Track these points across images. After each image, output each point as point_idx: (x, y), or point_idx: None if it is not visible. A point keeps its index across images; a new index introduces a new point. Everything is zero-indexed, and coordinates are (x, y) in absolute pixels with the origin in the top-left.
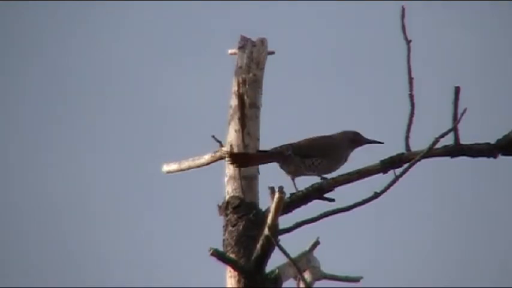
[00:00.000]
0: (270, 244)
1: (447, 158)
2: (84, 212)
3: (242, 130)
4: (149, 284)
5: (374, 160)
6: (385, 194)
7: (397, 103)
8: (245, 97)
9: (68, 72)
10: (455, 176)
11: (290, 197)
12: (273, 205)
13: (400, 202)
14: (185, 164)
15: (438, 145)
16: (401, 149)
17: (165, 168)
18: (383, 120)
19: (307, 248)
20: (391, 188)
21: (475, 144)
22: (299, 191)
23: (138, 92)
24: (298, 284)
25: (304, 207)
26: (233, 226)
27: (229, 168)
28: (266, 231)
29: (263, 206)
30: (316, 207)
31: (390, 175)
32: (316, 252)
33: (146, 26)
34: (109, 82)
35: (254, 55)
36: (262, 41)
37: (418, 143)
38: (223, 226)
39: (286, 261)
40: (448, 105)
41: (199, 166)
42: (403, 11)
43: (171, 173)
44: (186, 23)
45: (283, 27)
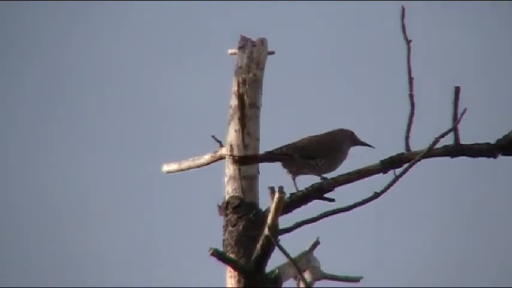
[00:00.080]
0: (270, 244)
1: (447, 158)
2: (84, 212)
3: (242, 130)
4: (149, 284)
5: (374, 160)
6: (385, 194)
7: (397, 103)
8: (245, 97)
9: (68, 72)
10: (455, 176)
11: (290, 197)
12: (273, 205)
13: (400, 202)
14: (185, 164)
15: (438, 145)
16: (401, 149)
17: (165, 168)
18: (383, 120)
19: (307, 248)
20: (391, 188)
21: (475, 144)
22: (299, 191)
23: (138, 92)
24: (298, 284)
25: (304, 207)
26: (233, 226)
27: (229, 168)
28: (266, 231)
29: (263, 206)
30: (316, 207)
31: (390, 175)
32: (316, 252)
33: (146, 26)
34: (109, 82)
35: (254, 55)
36: (262, 41)
37: (418, 143)
38: (223, 226)
39: (286, 261)
40: (448, 105)
41: (199, 166)
42: (403, 11)
43: (171, 173)
44: (186, 23)
45: (283, 27)
